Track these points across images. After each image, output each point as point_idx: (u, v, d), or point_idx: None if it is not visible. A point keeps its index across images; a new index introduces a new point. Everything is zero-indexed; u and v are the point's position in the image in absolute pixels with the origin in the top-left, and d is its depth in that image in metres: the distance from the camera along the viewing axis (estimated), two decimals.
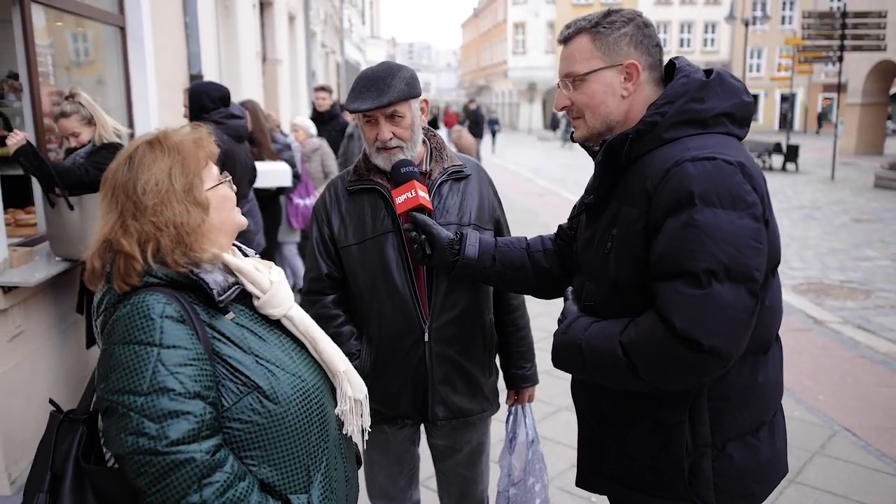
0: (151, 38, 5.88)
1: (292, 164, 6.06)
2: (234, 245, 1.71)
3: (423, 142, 2.43)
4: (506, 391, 2.71)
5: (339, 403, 1.67)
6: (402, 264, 2.31)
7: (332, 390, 1.69)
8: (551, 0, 52.41)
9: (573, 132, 1.90)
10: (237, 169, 4.80)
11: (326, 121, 8.49)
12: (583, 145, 1.91)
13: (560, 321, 1.88)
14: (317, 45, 18.60)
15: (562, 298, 2.05)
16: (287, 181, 5.83)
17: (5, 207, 4.06)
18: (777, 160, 22.93)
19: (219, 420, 1.42)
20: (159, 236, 1.47)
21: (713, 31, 51.08)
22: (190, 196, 1.51)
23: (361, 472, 2.05)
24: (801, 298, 7.68)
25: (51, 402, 1.46)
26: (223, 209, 1.59)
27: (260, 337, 1.54)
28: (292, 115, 11.66)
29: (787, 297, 7.62)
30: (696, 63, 1.80)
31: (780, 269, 1.77)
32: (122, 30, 5.69)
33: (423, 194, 2.21)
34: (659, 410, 1.75)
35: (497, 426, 2.93)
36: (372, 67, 2.31)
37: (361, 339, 2.40)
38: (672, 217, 1.59)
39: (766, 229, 1.62)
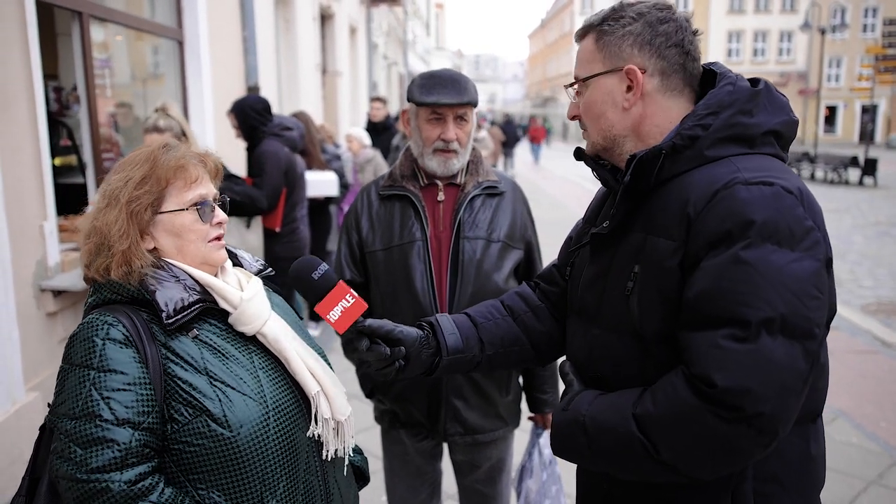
0: (209, 51, 6.07)
1: (341, 174, 6.16)
2: (231, 251, 1.67)
3: None
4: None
5: (313, 426, 1.55)
6: (426, 274, 2.30)
7: (311, 410, 1.58)
8: None
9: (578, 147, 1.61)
10: (297, 179, 4.95)
11: (380, 131, 8.61)
12: (590, 165, 1.60)
13: (563, 396, 1.56)
14: (378, 57, 18.88)
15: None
16: (334, 190, 5.96)
17: (65, 213, 4.22)
18: (854, 174, 22.03)
19: (153, 446, 1.37)
20: (92, 238, 1.47)
21: (789, 41, 49.45)
22: (129, 208, 1.45)
23: (372, 489, 1.98)
24: (870, 319, 7.29)
25: (48, 405, 1.48)
26: (181, 237, 1.51)
27: (223, 355, 1.47)
28: (351, 126, 11.84)
29: (855, 317, 7.28)
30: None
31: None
32: (181, 44, 5.89)
33: (355, 294, 1.62)
34: (691, 500, 1.42)
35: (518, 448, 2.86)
36: (438, 70, 2.34)
37: None
38: (717, 250, 1.29)
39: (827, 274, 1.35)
